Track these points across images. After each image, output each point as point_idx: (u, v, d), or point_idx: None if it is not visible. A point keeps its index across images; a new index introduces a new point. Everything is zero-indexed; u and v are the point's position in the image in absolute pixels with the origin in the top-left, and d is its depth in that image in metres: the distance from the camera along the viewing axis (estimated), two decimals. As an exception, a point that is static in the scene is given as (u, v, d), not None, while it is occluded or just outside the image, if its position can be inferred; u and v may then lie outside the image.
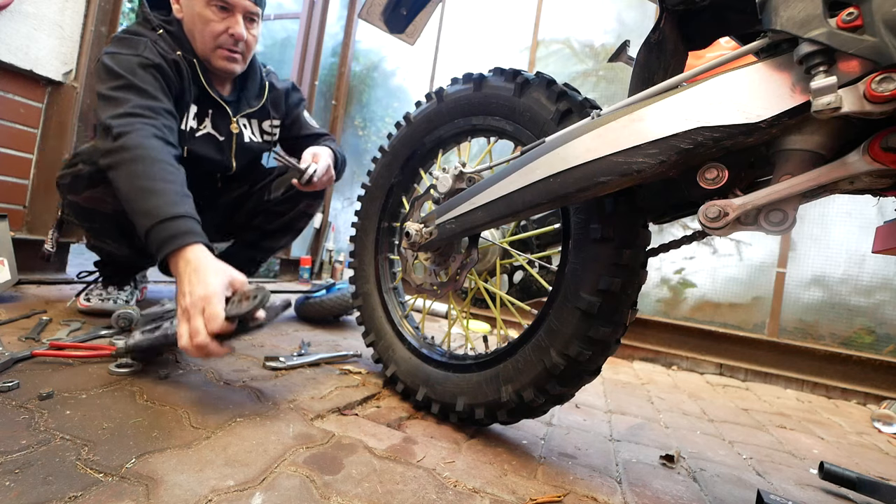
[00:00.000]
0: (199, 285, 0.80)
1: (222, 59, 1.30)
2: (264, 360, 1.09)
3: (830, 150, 0.52)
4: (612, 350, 0.78)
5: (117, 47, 1.15)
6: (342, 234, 3.18)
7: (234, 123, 1.41)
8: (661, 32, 0.66)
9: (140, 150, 0.97)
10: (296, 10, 3.36)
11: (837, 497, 0.89)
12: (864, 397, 1.83)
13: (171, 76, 1.19)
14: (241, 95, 1.43)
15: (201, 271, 0.82)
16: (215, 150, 1.39)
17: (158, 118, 1.08)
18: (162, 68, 1.17)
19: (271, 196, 1.56)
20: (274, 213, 1.58)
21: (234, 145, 1.43)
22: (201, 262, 0.84)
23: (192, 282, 0.81)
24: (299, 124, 1.61)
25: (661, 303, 2.26)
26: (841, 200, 1.94)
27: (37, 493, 0.50)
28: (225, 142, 1.40)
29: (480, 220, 0.78)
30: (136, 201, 0.92)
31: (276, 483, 0.60)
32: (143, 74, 1.12)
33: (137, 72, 1.12)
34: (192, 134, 1.33)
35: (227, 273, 0.84)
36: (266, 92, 1.48)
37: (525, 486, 0.70)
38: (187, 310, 0.78)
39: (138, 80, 1.10)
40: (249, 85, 1.45)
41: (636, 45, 0.71)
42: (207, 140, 1.37)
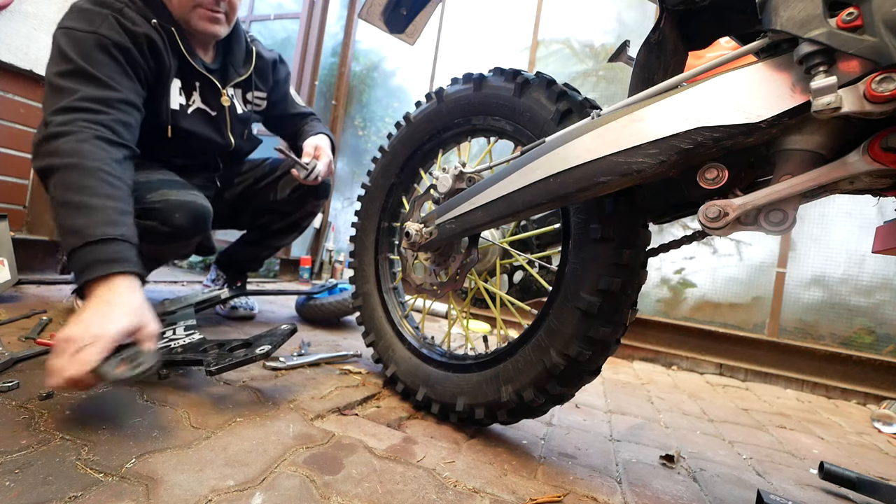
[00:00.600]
0: (98, 322, 0.71)
1: (203, 19, 1.18)
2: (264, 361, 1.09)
3: (830, 150, 0.52)
4: (612, 350, 0.78)
5: (74, 21, 1.00)
6: (342, 234, 3.18)
7: (224, 95, 1.29)
8: (661, 32, 0.66)
9: (75, 156, 0.85)
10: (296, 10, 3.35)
11: (837, 497, 0.89)
12: (864, 397, 1.83)
13: (136, 56, 1.04)
14: (227, 63, 1.31)
15: (112, 307, 0.73)
16: (211, 128, 1.30)
17: (111, 112, 0.95)
18: (124, 47, 1.02)
19: (278, 196, 1.53)
20: (280, 212, 1.56)
21: (229, 119, 1.32)
22: (116, 298, 0.75)
23: (96, 315, 0.72)
24: (287, 101, 1.53)
25: (661, 303, 2.26)
26: (841, 200, 1.94)
27: (37, 493, 0.50)
28: (218, 117, 1.30)
29: (480, 220, 0.78)
30: (65, 216, 0.80)
31: (276, 483, 0.60)
32: (98, 57, 0.97)
33: (92, 54, 0.97)
34: (183, 111, 1.22)
35: (139, 317, 0.75)
36: (253, 59, 1.37)
37: (525, 486, 0.70)
38: (68, 340, 0.68)
39: (91, 64, 0.96)
40: (235, 50, 1.33)
41: (636, 45, 0.71)
42: (200, 116, 1.26)
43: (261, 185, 1.53)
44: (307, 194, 1.51)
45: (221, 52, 1.30)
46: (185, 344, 0.96)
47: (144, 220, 1.09)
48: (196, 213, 1.17)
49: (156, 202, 1.11)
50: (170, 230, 1.13)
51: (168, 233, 1.13)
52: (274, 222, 1.59)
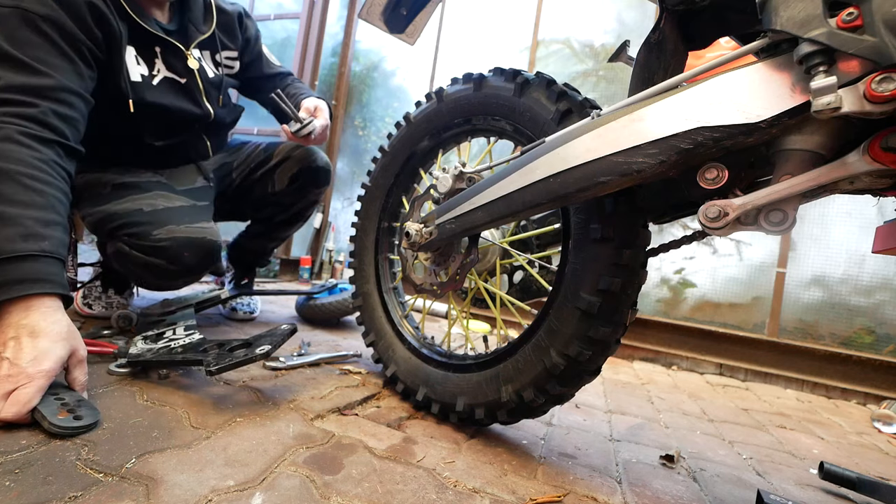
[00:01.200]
0: (29, 356, 0.64)
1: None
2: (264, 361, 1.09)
3: (830, 150, 0.52)
4: (612, 350, 0.78)
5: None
6: (342, 234, 3.18)
7: (189, 58, 1.15)
8: (661, 32, 0.66)
9: None
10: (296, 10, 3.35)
11: (837, 497, 0.89)
12: (864, 397, 1.83)
13: (71, 29, 0.88)
14: (186, 21, 1.16)
15: (39, 337, 0.66)
16: (184, 98, 1.16)
17: (40, 104, 0.81)
18: (56, 21, 0.85)
19: (276, 188, 1.45)
20: (282, 204, 1.50)
21: (202, 85, 1.19)
22: (41, 324, 0.67)
23: (25, 347, 0.65)
24: (261, 62, 1.42)
25: (661, 303, 2.26)
26: (841, 200, 1.94)
27: (37, 493, 0.50)
28: (189, 84, 1.17)
29: (480, 220, 0.78)
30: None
31: (276, 483, 0.60)
32: (24, 36, 0.82)
33: (16, 33, 0.81)
34: (146, 83, 1.08)
35: (71, 343, 0.70)
36: (214, 14, 1.23)
37: (525, 486, 0.70)
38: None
39: (15, 45, 0.80)
40: (192, 6, 1.19)
41: (636, 45, 0.71)
42: (169, 86, 1.12)
43: (258, 174, 1.45)
44: (307, 183, 1.45)
45: (178, 10, 1.17)
46: (185, 344, 0.96)
47: (151, 257, 1.05)
48: (206, 249, 1.11)
49: (162, 240, 1.05)
50: (178, 269, 1.08)
51: (176, 271, 1.09)
52: (277, 214, 1.54)
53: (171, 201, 1.14)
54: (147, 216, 1.07)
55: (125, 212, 1.07)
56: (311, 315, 1.69)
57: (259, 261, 1.73)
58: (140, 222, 1.06)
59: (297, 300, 1.78)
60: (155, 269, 1.07)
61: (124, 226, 1.06)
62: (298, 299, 1.78)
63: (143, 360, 0.89)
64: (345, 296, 1.67)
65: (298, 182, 1.44)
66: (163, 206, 1.11)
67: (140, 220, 1.06)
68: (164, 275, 1.09)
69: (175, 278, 1.12)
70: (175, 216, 1.10)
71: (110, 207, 1.09)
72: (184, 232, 1.08)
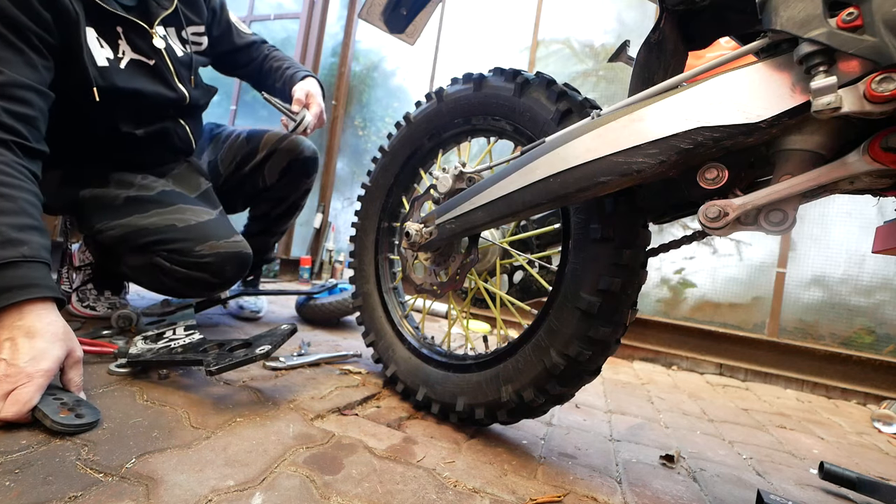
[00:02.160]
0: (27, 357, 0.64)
1: None
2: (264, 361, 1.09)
3: (830, 150, 0.52)
4: (612, 350, 0.78)
5: None
6: (342, 234, 3.18)
7: (154, 36, 1.07)
8: (661, 32, 0.66)
9: None
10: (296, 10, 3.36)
11: (837, 497, 0.89)
12: (864, 397, 1.83)
13: (16, 15, 0.80)
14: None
15: (36, 337, 0.66)
16: (155, 81, 1.09)
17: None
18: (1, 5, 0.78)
19: (268, 182, 1.45)
20: (276, 198, 1.51)
21: (171, 66, 1.11)
22: (37, 325, 0.67)
23: (19, 347, 0.64)
24: (231, 33, 1.33)
25: (661, 303, 2.26)
26: (841, 200, 1.94)
27: (37, 493, 0.50)
28: (158, 65, 1.09)
29: (480, 220, 0.78)
30: None
31: (276, 483, 0.60)
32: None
33: None
34: (114, 67, 1.00)
35: (67, 344, 0.70)
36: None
37: (525, 486, 0.70)
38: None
39: None
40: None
41: (636, 45, 0.71)
42: (137, 69, 1.05)
43: (246, 169, 1.43)
44: (299, 175, 1.45)
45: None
46: (185, 344, 0.96)
47: (194, 271, 1.09)
48: (244, 262, 1.17)
49: (206, 255, 1.09)
50: (220, 282, 1.14)
51: (218, 283, 1.14)
52: (273, 209, 1.56)
53: (199, 215, 1.16)
54: (184, 232, 1.10)
55: (156, 227, 1.08)
56: (311, 315, 1.69)
57: (264, 258, 1.71)
58: (179, 238, 1.09)
59: (297, 300, 1.78)
60: (196, 283, 1.11)
61: (161, 242, 1.08)
62: (298, 299, 1.78)
63: (143, 360, 0.89)
64: (345, 296, 1.67)
65: (290, 175, 1.43)
66: (195, 220, 1.13)
67: (178, 237, 1.09)
68: (205, 287, 1.13)
69: (214, 289, 1.18)
70: (211, 231, 1.14)
71: (136, 221, 1.09)
72: (224, 247, 1.12)
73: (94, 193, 1.13)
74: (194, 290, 1.17)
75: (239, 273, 1.18)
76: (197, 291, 1.19)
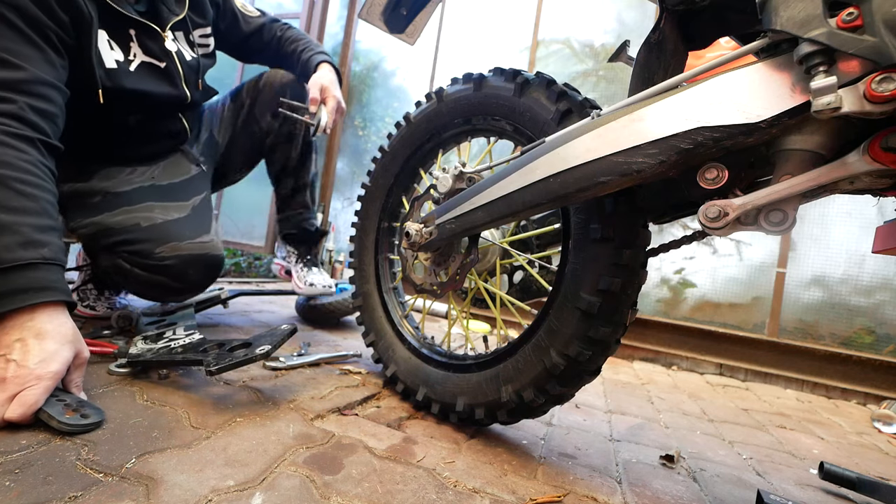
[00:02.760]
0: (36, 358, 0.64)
1: None
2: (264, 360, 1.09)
3: (830, 150, 0.52)
4: (612, 350, 0.78)
5: None
6: (342, 234, 3.18)
7: (166, 39, 1.09)
8: (661, 32, 0.66)
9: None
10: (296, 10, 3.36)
11: (837, 497, 0.89)
12: (864, 397, 1.83)
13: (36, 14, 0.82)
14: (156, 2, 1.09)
15: (45, 339, 0.66)
16: (164, 82, 1.10)
17: (17, 99, 0.76)
18: (15, 5, 0.79)
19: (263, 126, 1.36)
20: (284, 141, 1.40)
21: (181, 69, 1.13)
22: (47, 326, 0.67)
23: (29, 349, 0.65)
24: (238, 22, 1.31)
25: (661, 303, 2.26)
26: (841, 200, 1.94)
27: (37, 493, 0.50)
28: (169, 68, 1.11)
29: (480, 220, 0.78)
30: None
31: (276, 483, 0.60)
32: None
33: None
34: (123, 69, 1.02)
35: (75, 346, 0.70)
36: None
37: (525, 486, 0.70)
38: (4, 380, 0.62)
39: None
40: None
41: (636, 45, 0.71)
42: (148, 72, 1.07)
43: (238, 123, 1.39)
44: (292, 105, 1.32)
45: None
46: (185, 344, 0.96)
47: (154, 275, 1.03)
48: (211, 264, 1.09)
49: (167, 258, 1.02)
50: (182, 286, 1.08)
51: (180, 288, 1.08)
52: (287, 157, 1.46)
53: (168, 213, 1.09)
54: (146, 232, 1.03)
55: (121, 226, 1.03)
56: (311, 315, 1.69)
57: (308, 219, 1.57)
58: (140, 239, 1.03)
59: (297, 300, 1.78)
60: (158, 287, 1.06)
61: (123, 242, 1.02)
62: (298, 299, 1.78)
63: (143, 360, 0.89)
64: (345, 296, 1.67)
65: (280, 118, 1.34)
66: (161, 219, 1.07)
67: (140, 237, 1.03)
68: (168, 291, 1.08)
69: (179, 294, 1.12)
70: (176, 230, 1.07)
71: (104, 220, 1.04)
72: (187, 248, 1.05)
73: (75, 189, 1.09)
74: (157, 294, 1.10)
75: (206, 277, 1.10)
76: (160, 296, 1.11)
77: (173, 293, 1.11)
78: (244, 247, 3.34)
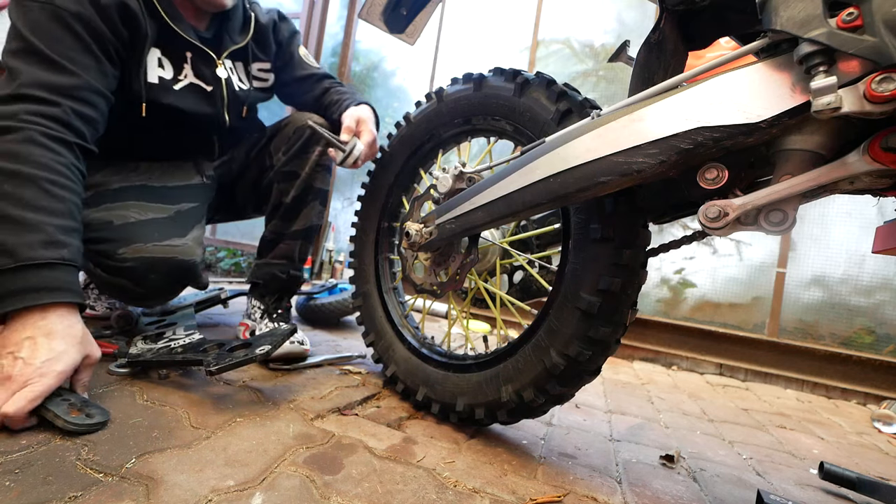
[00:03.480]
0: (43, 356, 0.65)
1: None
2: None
3: (830, 150, 0.52)
4: (612, 350, 0.78)
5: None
6: (342, 234, 3.18)
7: (219, 66, 1.12)
8: (661, 32, 0.66)
9: (13, 160, 0.72)
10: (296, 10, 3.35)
11: (837, 497, 0.89)
12: (864, 397, 1.83)
13: (100, 27, 0.87)
14: (222, 31, 1.12)
15: (55, 338, 0.67)
16: (205, 104, 1.12)
17: (63, 102, 0.80)
18: (85, 18, 0.85)
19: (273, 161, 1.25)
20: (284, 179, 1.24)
21: (226, 95, 1.15)
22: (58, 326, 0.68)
23: (38, 347, 0.66)
24: (293, 64, 1.31)
25: (661, 303, 2.26)
26: (841, 200, 1.94)
27: (37, 493, 0.50)
28: (214, 92, 1.13)
29: (480, 220, 0.78)
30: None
31: (276, 483, 0.60)
32: (53, 32, 0.82)
33: (45, 28, 0.81)
34: (167, 86, 1.05)
35: (86, 348, 0.71)
36: (252, 26, 1.19)
37: (525, 486, 0.70)
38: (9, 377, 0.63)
39: (44, 40, 0.80)
40: (232, 17, 1.14)
41: (636, 45, 0.71)
42: (191, 92, 1.09)
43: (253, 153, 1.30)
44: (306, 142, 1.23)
45: (218, 19, 1.13)
46: (185, 344, 0.96)
47: (115, 277, 0.98)
48: (175, 270, 1.01)
49: (127, 259, 0.96)
50: (144, 291, 1.01)
51: (143, 293, 1.01)
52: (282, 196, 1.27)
53: (144, 212, 1.04)
54: (115, 231, 0.99)
55: (96, 223, 0.99)
56: (311, 315, 1.69)
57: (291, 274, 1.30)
58: (107, 238, 0.98)
59: (297, 300, 1.78)
60: (120, 290, 1.01)
61: (92, 241, 0.96)
62: (298, 299, 1.78)
63: (143, 360, 0.89)
64: (345, 296, 1.67)
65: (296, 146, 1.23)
66: (134, 218, 1.02)
67: (107, 236, 0.98)
68: (131, 296, 1.02)
69: (143, 300, 1.05)
70: (144, 232, 1.01)
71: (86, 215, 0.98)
72: (150, 251, 0.98)
73: None
74: (123, 298, 1.06)
75: (171, 283, 1.03)
76: (128, 300, 1.07)
77: (136, 298, 1.04)
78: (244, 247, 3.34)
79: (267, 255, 1.29)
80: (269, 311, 1.27)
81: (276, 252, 1.28)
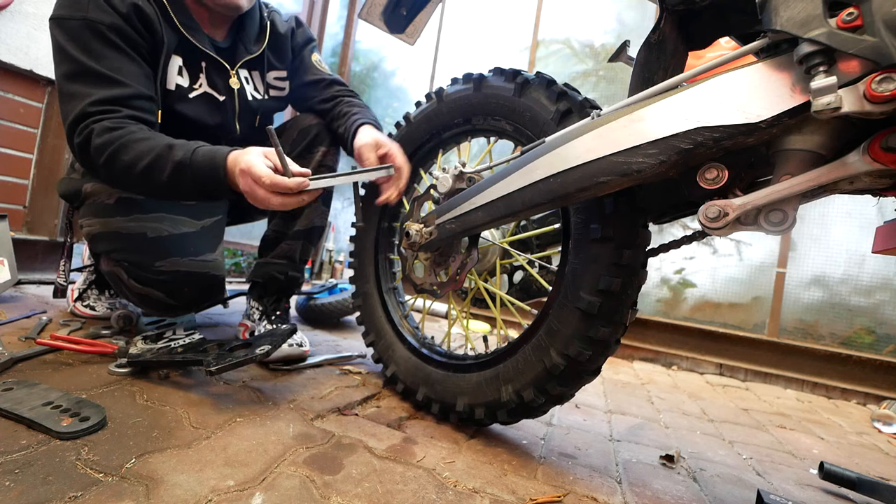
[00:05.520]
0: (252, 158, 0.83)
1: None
2: (264, 360, 1.09)
3: (830, 150, 0.52)
4: (612, 350, 0.78)
5: (63, 8, 0.90)
6: (342, 234, 3.18)
7: (232, 77, 1.13)
8: (661, 32, 0.66)
9: (117, 139, 0.84)
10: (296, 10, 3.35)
11: (837, 497, 0.89)
12: (864, 397, 1.83)
13: (130, 33, 0.93)
14: (238, 40, 1.13)
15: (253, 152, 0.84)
16: (216, 114, 1.13)
17: (122, 110, 0.89)
18: (117, 27, 0.90)
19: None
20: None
21: (238, 105, 1.15)
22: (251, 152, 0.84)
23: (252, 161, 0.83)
24: (303, 69, 1.28)
25: (661, 303, 2.26)
26: (841, 200, 1.94)
27: (37, 493, 0.50)
28: (226, 102, 1.13)
29: (480, 220, 0.78)
30: (155, 166, 0.84)
31: (276, 483, 0.60)
32: (97, 48, 0.89)
33: (91, 46, 0.88)
34: (181, 93, 1.06)
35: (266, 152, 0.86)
36: (267, 35, 1.18)
37: (525, 486, 0.70)
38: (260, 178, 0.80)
39: (93, 58, 0.88)
40: (248, 25, 1.14)
41: (636, 45, 0.71)
42: (204, 101, 1.11)
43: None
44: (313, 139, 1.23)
45: (235, 28, 1.14)
46: (185, 344, 0.96)
47: (150, 288, 1.02)
48: (209, 284, 1.08)
49: (163, 272, 1.02)
50: (176, 303, 1.07)
51: (174, 305, 1.07)
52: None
53: (177, 226, 1.06)
54: (151, 243, 1.02)
55: (128, 233, 1.02)
56: (311, 315, 1.69)
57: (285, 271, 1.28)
58: (143, 249, 1.02)
59: (297, 300, 1.78)
60: (151, 301, 1.05)
61: (126, 250, 1.02)
62: (298, 299, 1.78)
63: (143, 360, 0.89)
64: (345, 296, 1.67)
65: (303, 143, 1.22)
66: (168, 231, 1.04)
67: (143, 248, 1.02)
68: (161, 307, 1.06)
69: (173, 310, 1.10)
70: (179, 245, 1.05)
71: (115, 224, 1.03)
72: (186, 265, 1.04)
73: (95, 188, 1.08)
74: (152, 308, 1.09)
75: (203, 296, 1.10)
76: (156, 311, 1.10)
77: (167, 309, 1.09)
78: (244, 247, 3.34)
79: (267, 255, 1.28)
80: (268, 312, 1.27)
81: (276, 252, 1.27)
